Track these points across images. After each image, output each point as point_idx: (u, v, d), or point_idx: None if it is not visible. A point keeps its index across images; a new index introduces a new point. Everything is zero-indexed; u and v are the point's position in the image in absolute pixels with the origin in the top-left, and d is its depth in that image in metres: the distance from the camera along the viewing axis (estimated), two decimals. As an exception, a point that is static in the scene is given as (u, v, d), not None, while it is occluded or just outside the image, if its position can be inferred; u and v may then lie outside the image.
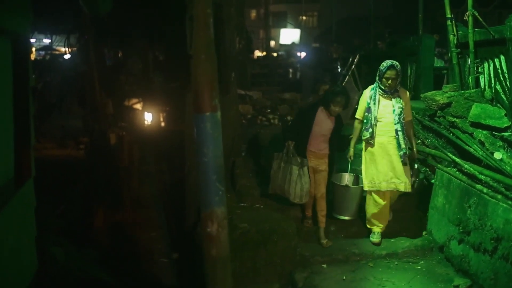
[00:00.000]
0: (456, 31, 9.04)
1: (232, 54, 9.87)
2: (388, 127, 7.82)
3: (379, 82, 7.84)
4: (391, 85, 7.72)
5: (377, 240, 8.04)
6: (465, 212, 7.06)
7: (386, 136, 7.85)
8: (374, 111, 7.82)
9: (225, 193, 5.14)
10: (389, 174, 7.85)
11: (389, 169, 7.85)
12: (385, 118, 7.84)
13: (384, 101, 7.87)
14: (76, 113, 18.67)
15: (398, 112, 7.73)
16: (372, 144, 7.90)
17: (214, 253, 5.08)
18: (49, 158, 14.48)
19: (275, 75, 22.53)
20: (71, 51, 19.10)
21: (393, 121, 7.76)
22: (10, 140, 4.89)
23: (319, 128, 8.09)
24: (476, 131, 7.50)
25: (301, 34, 37.96)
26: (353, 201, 8.31)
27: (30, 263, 5.16)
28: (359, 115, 8.14)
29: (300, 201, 8.13)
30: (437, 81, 11.46)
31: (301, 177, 8.00)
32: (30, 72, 5.25)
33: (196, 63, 4.90)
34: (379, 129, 7.85)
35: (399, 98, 7.82)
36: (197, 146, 4.97)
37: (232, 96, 9.91)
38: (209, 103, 4.89)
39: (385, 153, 7.86)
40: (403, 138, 7.74)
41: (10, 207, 4.35)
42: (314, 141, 8.15)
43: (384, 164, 7.87)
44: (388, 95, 7.82)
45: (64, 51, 24.78)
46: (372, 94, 7.91)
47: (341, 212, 8.42)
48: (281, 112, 13.26)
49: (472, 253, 6.81)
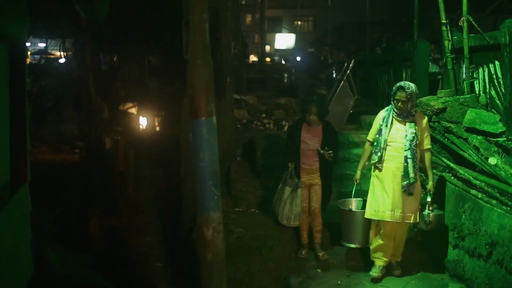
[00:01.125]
0: (451, 37, 9.07)
1: (228, 59, 9.89)
2: (398, 152, 7.23)
3: (392, 103, 7.34)
4: (401, 108, 7.16)
5: (376, 274, 7.35)
6: (459, 217, 7.08)
7: (394, 162, 7.25)
8: (385, 134, 7.28)
9: (220, 198, 5.15)
10: (395, 204, 7.21)
11: (395, 198, 7.22)
12: (395, 142, 7.25)
13: (398, 125, 7.29)
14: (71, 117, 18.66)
15: (410, 138, 7.13)
16: (380, 169, 7.33)
17: (209, 258, 5.09)
18: (44, 162, 14.46)
19: (270, 80, 22.55)
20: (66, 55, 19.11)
21: (404, 147, 7.17)
22: (6, 144, 4.89)
23: (306, 144, 7.91)
24: (471, 136, 7.51)
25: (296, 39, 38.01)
26: (359, 227, 7.66)
27: (25, 268, 5.16)
28: (371, 137, 7.59)
29: (288, 223, 7.86)
30: (432, 87, 11.48)
31: (292, 199, 7.78)
32: (26, 77, 5.26)
33: (192, 68, 4.92)
34: (388, 153, 7.28)
35: (414, 123, 7.19)
36: (193, 151, 4.97)
37: (228, 101, 9.93)
38: (205, 108, 4.91)
39: (393, 180, 7.25)
40: (413, 166, 7.11)
41: (6, 212, 4.35)
42: (304, 158, 7.94)
43: (390, 192, 7.23)
44: (402, 119, 7.23)
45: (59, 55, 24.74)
46: (385, 115, 7.38)
47: (347, 239, 7.84)
48: (276, 117, 13.29)
49: (467, 258, 6.82)
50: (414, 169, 7.13)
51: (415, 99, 7.24)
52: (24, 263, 5.11)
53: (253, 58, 31.48)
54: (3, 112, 4.82)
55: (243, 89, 14.87)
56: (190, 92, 5.01)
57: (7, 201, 4.52)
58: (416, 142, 7.16)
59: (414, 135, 7.14)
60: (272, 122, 13.04)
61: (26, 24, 5.29)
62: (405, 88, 7.11)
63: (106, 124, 14.02)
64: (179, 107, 10.81)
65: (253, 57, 31.91)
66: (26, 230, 5.27)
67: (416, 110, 7.34)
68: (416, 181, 7.18)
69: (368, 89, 14.28)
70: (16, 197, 4.82)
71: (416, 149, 7.17)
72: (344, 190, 8.75)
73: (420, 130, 7.22)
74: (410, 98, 7.10)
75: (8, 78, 4.94)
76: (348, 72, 12.80)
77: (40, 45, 33.46)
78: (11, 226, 4.54)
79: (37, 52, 32.26)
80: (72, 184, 12.28)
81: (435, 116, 8.48)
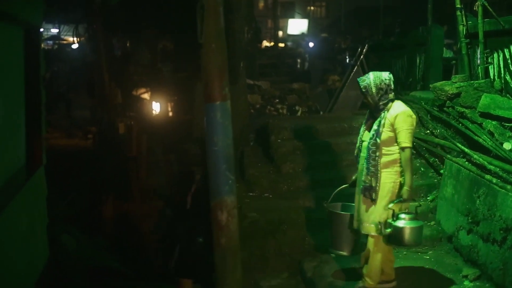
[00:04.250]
0: (465, 21, 9.01)
1: (241, 44, 9.88)
2: (363, 152, 6.25)
3: None
4: (368, 102, 6.24)
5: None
6: (474, 202, 7.05)
7: (361, 163, 6.28)
8: (362, 131, 6.39)
9: (234, 182, 5.16)
10: (357, 211, 6.32)
11: (357, 205, 6.32)
12: (365, 141, 6.25)
13: (370, 121, 6.35)
14: (83, 103, 18.74)
15: (370, 136, 6.14)
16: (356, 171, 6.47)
17: (223, 242, 5.11)
18: (57, 148, 14.53)
19: (283, 66, 22.45)
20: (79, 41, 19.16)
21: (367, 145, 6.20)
22: (22, 128, 4.91)
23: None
24: (485, 121, 7.47)
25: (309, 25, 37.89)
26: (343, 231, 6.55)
27: (42, 251, 5.20)
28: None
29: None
30: (446, 72, 11.41)
31: None
32: (41, 61, 5.28)
33: (206, 52, 4.92)
34: (361, 154, 6.30)
35: (380, 118, 6.11)
36: (207, 136, 4.99)
37: (241, 86, 9.92)
38: (219, 92, 4.91)
39: (358, 184, 6.33)
40: (366, 168, 6.10)
41: (22, 195, 4.38)
42: None
43: (356, 198, 6.35)
44: (372, 114, 6.30)
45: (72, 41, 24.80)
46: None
47: (334, 245, 6.68)
48: (289, 102, 13.26)
49: (481, 243, 6.80)
50: (368, 171, 6.10)
51: (377, 91, 6.16)
52: (40, 247, 5.15)
53: (266, 44, 31.35)
54: (19, 96, 4.85)
55: (256, 74, 14.84)
56: (204, 76, 5.02)
57: (23, 184, 4.55)
58: (376, 140, 6.06)
59: (374, 132, 6.10)
60: (286, 107, 13.01)
61: (42, 8, 5.31)
62: (360, 81, 6.26)
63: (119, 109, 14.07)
64: (192, 93, 10.83)
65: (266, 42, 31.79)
66: (42, 213, 5.31)
67: (387, 103, 6.16)
68: (374, 186, 6.09)
69: (381, 75, 14.19)
70: (32, 181, 4.85)
71: (374, 148, 6.08)
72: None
73: (388, 125, 6.06)
74: (366, 91, 6.15)
75: (24, 62, 4.96)
76: (361, 57, 12.75)
77: (53, 30, 33.50)
78: (28, 209, 4.58)
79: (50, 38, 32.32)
80: (85, 169, 12.35)
81: (449, 101, 8.44)
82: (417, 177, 8.76)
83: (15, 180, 4.46)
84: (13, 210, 4.12)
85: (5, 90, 4.29)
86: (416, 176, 8.74)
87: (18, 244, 4.30)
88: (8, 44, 4.48)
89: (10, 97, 4.54)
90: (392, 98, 6.15)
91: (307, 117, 12.19)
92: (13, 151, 4.61)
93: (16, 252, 4.27)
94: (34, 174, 4.93)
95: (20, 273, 4.38)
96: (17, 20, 4.63)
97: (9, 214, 4.01)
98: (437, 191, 8.23)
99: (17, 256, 4.32)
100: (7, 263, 4.06)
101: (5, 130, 4.22)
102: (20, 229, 4.35)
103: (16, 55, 4.79)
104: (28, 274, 4.72)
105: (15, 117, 4.71)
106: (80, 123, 17.99)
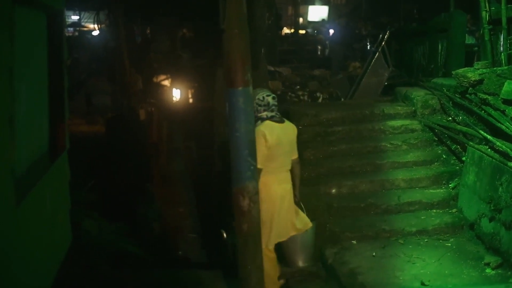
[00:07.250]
0: (488, 8, 8.92)
1: (262, 30, 9.86)
2: None
3: None
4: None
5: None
6: (496, 189, 7.00)
7: None
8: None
9: (256, 168, 5.16)
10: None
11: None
12: None
13: None
14: (105, 89, 18.82)
15: None
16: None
17: (245, 228, 5.12)
18: (78, 134, 14.59)
19: (304, 52, 22.36)
20: (100, 28, 19.22)
21: None
22: (45, 113, 4.94)
23: None
24: (508, 108, 7.41)
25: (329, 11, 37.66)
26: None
27: (65, 236, 5.23)
28: None
29: None
30: (468, 58, 11.32)
31: None
32: (64, 47, 5.29)
33: (229, 37, 4.91)
34: None
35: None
36: (229, 121, 4.99)
37: (262, 72, 9.91)
38: (242, 77, 4.91)
39: None
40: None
41: (46, 180, 4.40)
42: None
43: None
44: None
45: (93, 28, 24.87)
46: None
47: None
48: (310, 89, 13.19)
49: (504, 231, 6.76)
50: None
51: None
52: (63, 231, 5.18)
53: (286, 30, 31.19)
54: (43, 81, 4.86)
55: (277, 60, 14.78)
56: (226, 61, 5.01)
57: (47, 169, 4.57)
58: None
59: None
60: (307, 93, 12.95)
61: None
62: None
63: (140, 96, 14.13)
64: (212, 79, 10.83)
65: (286, 29, 31.63)
66: (65, 198, 5.34)
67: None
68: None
69: (402, 61, 14.09)
70: (55, 166, 4.88)
71: None
72: (379, 162, 8.76)
73: None
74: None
75: (47, 48, 4.97)
76: (383, 43, 12.68)
77: (73, 17, 33.58)
78: (51, 194, 4.60)
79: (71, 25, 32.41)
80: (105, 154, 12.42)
81: (471, 88, 8.38)
82: (439, 164, 8.75)
83: (40, 164, 4.48)
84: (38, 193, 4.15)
85: (29, 75, 4.30)
86: (438, 163, 8.76)
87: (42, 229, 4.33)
88: (32, 30, 4.49)
89: (35, 82, 4.56)
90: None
91: (328, 104, 12.13)
92: (38, 136, 4.63)
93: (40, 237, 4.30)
94: (57, 160, 4.96)
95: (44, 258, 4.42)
96: (40, 5, 4.64)
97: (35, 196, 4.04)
98: (459, 178, 8.19)
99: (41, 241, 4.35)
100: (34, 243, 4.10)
101: (29, 115, 4.24)
102: (44, 214, 4.38)
103: (40, 40, 4.81)
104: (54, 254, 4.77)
105: (39, 102, 4.73)
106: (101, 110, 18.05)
